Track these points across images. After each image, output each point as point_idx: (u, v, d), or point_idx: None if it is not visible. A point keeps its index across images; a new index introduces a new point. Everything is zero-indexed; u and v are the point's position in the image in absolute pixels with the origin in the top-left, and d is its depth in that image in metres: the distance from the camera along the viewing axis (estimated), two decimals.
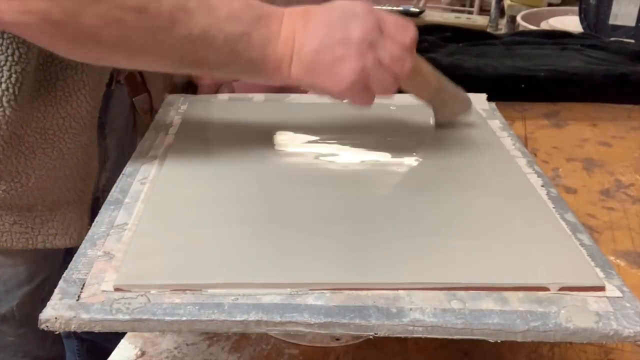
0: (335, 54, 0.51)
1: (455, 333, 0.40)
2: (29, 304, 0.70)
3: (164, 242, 0.47)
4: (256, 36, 0.51)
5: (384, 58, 0.51)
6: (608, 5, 1.53)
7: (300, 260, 0.45)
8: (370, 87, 0.52)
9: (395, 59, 0.51)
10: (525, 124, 0.99)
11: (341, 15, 0.51)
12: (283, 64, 0.52)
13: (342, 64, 0.51)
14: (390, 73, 0.52)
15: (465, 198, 0.53)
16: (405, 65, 0.52)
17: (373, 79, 0.52)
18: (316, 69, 0.52)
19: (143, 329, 0.41)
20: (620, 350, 0.55)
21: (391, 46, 0.51)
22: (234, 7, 0.51)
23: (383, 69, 0.51)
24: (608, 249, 0.68)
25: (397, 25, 0.52)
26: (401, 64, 0.52)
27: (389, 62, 0.51)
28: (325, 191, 0.54)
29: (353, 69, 0.51)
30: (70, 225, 0.66)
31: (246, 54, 0.52)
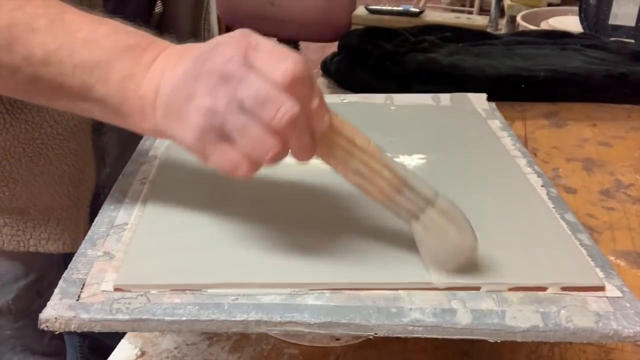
0: (186, 91, 0.39)
1: (455, 333, 0.40)
2: (25, 298, 0.70)
3: (163, 242, 0.47)
4: (118, 68, 0.42)
5: (245, 98, 0.37)
6: (608, 5, 1.53)
7: (300, 260, 0.45)
8: (232, 140, 0.38)
9: (260, 100, 0.36)
10: (525, 124, 0.99)
11: (211, 46, 0.40)
12: (146, 105, 0.42)
13: (189, 104, 0.39)
14: (257, 121, 0.37)
15: (465, 198, 0.53)
16: (282, 112, 0.36)
17: (231, 126, 0.37)
18: (170, 112, 0.40)
19: (143, 329, 0.41)
20: (620, 350, 0.55)
21: (256, 82, 0.37)
22: (99, 31, 0.43)
23: (246, 115, 0.37)
24: (608, 249, 0.68)
25: (272, 55, 0.38)
26: (272, 108, 0.36)
27: (252, 104, 0.37)
28: (325, 191, 0.54)
29: (199, 109, 0.38)
30: (64, 231, 0.66)
31: (101, 87, 0.43)
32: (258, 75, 0.37)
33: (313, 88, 0.38)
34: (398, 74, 1.08)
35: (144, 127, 0.44)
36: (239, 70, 0.37)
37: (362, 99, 0.75)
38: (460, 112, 0.71)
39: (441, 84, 1.01)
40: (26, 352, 0.74)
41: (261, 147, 0.37)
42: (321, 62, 1.20)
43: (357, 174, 0.41)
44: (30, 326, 0.73)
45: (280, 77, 0.37)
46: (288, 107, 0.36)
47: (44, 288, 0.72)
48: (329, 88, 1.15)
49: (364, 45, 1.15)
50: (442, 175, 0.57)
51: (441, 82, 1.04)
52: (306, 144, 0.39)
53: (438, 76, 1.06)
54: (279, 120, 0.36)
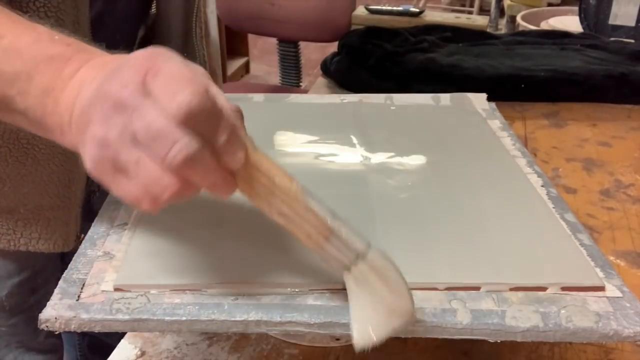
0: (87, 116, 0.36)
1: (455, 333, 0.40)
2: (18, 294, 0.70)
3: (164, 242, 0.47)
4: (37, 80, 0.39)
5: (137, 130, 0.34)
6: (608, 5, 1.53)
7: (300, 260, 0.45)
8: (129, 174, 0.35)
9: (153, 135, 0.33)
10: (525, 124, 0.99)
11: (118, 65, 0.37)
12: (63, 123, 0.39)
13: (87, 130, 0.36)
14: (151, 156, 0.34)
15: (465, 198, 0.53)
16: (176, 149, 0.33)
17: (125, 160, 0.35)
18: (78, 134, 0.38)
19: (143, 329, 0.41)
20: (620, 350, 0.55)
21: (150, 114, 0.33)
22: (23, 39, 0.41)
23: (139, 148, 0.34)
24: (608, 249, 0.68)
25: (171, 83, 0.34)
26: (164, 144, 0.33)
27: (144, 138, 0.33)
28: (324, 191, 0.54)
29: (93, 137, 0.35)
30: (55, 231, 0.66)
31: (21, 100, 0.40)
32: (154, 105, 0.34)
33: (219, 122, 0.35)
34: (398, 74, 1.08)
35: (65, 143, 0.41)
36: (133, 99, 0.34)
37: (362, 99, 0.75)
38: (460, 112, 0.71)
39: (441, 84, 1.01)
40: (22, 349, 0.74)
41: (157, 184, 0.34)
42: (321, 62, 1.20)
43: (281, 216, 0.38)
44: (25, 323, 0.73)
45: (175, 109, 0.33)
46: (182, 144, 0.33)
47: (38, 285, 0.73)
48: (329, 88, 1.15)
49: (364, 45, 1.15)
50: (442, 175, 0.57)
51: (441, 82, 1.04)
52: (216, 182, 0.36)
53: (438, 76, 1.06)
54: (173, 159, 0.33)
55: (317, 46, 2.18)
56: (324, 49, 1.96)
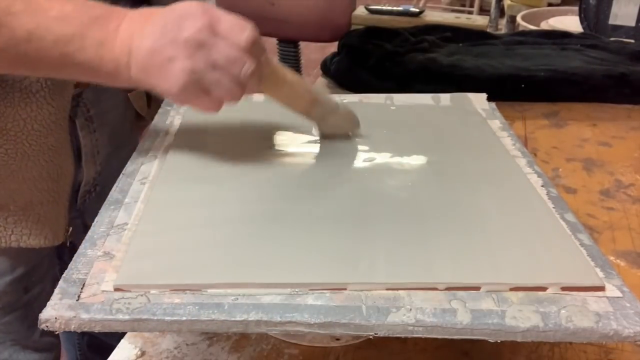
0: (166, 54, 0.48)
1: (455, 333, 0.40)
2: (12, 293, 0.71)
3: (164, 242, 0.47)
4: (90, 37, 0.50)
5: (217, 59, 0.48)
6: (608, 5, 1.53)
7: (300, 260, 0.45)
8: (209, 91, 0.50)
9: (231, 60, 0.48)
10: (525, 124, 0.99)
11: (176, 16, 0.49)
12: (120, 65, 0.50)
13: (172, 65, 0.48)
14: (228, 75, 0.49)
15: (465, 198, 0.53)
16: (245, 67, 0.49)
17: (208, 81, 0.49)
18: (151, 70, 0.50)
19: (143, 329, 0.41)
20: (620, 350, 0.55)
21: (224, 47, 0.48)
22: (67, 8, 0.50)
23: (219, 71, 0.49)
24: (608, 249, 0.68)
25: (233, 25, 0.49)
26: (239, 65, 0.49)
27: (224, 64, 0.48)
28: (324, 191, 0.54)
29: (183, 69, 0.48)
30: (45, 226, 0.66)
31: (80, 55, 0.50)
32: (225, 41, 0.49)
33: (263, 48, 0.52)
34: (398, 74, 1.08)
35: (117, 81, 0.52)
36: (210, 39, 0.48)
37: (362, 99, 0.75)
38: (460, 112, 0.71)
39: (441, 84, 1.01)
40: (17, 347, 0.74)
41: (230, 94, 0.50)
42: (321, 62, 1.20)
43: (287, 98, 0.60)
44: (19, 321, 0.73)
45: (244, 42, 0.49)
46: (249, 64, 0.49)
47: (32, 283, 0.73)
48: (329, 88, 1.15)
49: (364, 45, 1.15)
50: (443, 175, 0.57)
51: (441, 82, 1.04)
52: (257, 87, 0.53)
53: (438, 76, 1.06)
54: (244, 74, 0.49)
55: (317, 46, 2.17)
56: (324, 49, 1.96)
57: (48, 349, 0.78)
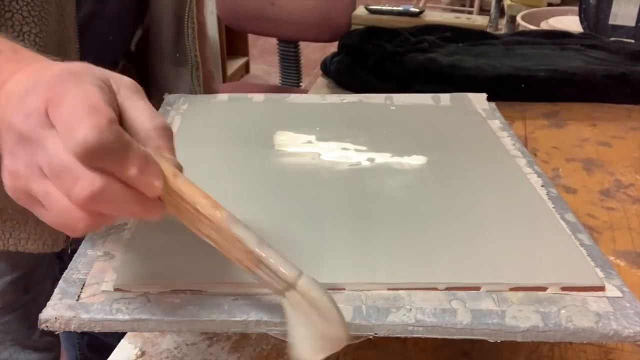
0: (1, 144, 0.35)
1: (455, 333, 0.40)
2: (11, 293, 0.71)
3: (164, 242, 0.47)
4: None
5: (42, 164, 0.33)
6: (608, 5, 1.53)
7: (300, 260, 0.45)
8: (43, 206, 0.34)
9: (56, 171, 0.32)
10: (525, 124, 0.99)
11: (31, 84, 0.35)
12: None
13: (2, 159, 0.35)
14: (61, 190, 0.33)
15: (465, 198, 0.53)
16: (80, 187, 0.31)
17: (36, 192, 0.34)
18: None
19: (143, 329, 0.41)
20: (620, 350, 0.55)
21: (53, 149, 0.32)
22: None
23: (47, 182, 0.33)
24: (608, 249, 0.68)
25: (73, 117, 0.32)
26: (68, 181, 0.32)
27: (50, 173, 0.33)
28: (324, 191, 0.54)
29: (4, 169, 0.35)
30: (44, 231, 0.66)
31: None
32: (57, 138, 0.32)
33: (127, 154, 0.32)
34: (398, 74, 1.08)
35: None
36: (36, 132, 0.33)
37: (362, 99, 0.75)
38: (460, 112, 0.71)
39: (441, 84, 1.01)
40: (16, 347, 0.74)
41: (68, 218, 0.33)
42: (321, 62, 1.20)
43: (210, 240, 0.37)
44: (19, 321, 0.73)
45: (76, 146, 0.31)
46: (87, 181, 0.31)
47: (32, 284, 0.73)
48: (329, 88, 1.15)
49: (364, 45, 1.15)
50: (443, 175, 0.57)
51: (441, 82, 1.04)
52: (134, 211, 0.34)
53: (438, 76, 1.06)
54: (78, 195, 0.32)
55: (317, 46, 2.18)
56: (324, 49, 1.96)
57: (48, 349, 0.78)
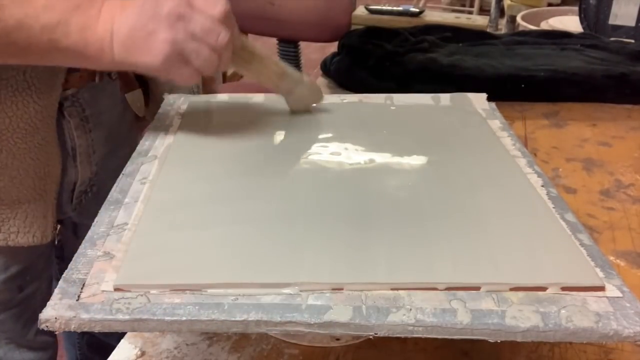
0: (147, 29, 0.53)
1: (455, 333, 0.40)
2: (5, 291, 0.71)
3: (163, 242, 0.47)
4: (74, 23, 0.54)
5: (195, 30, 0.53)
6: (608, 5, 1.53)
7: (301, 260, 0.45)
8: (189, 61, 0.54)
9: (207, 30, 0.53)
10: (525, 124, 0.99)
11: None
12: (104, 46, 0.54)
13: (154, 38, 0.53)
14: (205, 44, 0.53)
15: (465, 198, 0.53)
16: (221, 37, 0.54)
17: (188, 51, 0.53)
18: (134, 47, 0.54)
19: (143, 329, 0.41)
20: (620, 350, 0.55)
21: (201, 18, 0.53)
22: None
23: (197, 41, 0.53)
24: (608, 249, 0.68)
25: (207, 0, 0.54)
26: (214, 35, 0.53)
27: (201, 34, 0.53)
28: (324, 191, 0.54)
29: (165, 41, 0.53)
30: (32, 224, 0.67)
31: (65, 40, 0.54)
32: (200, 13, 0.53)
33: (234, 20, 0.56)
34: (398, 74, 1.08)
35: (102, 63, 0.56)
36: (187, 10, 0.53)
37: (362, 99, 0.75)
38: (460, 112, 0.71)
39: (441, 84, 1.01)
40: (12, 345, 0.74)
41: (208, 62, 0.55)
42: (321, 62, 1.20)
43: (257, 72, 0.65)
44: (13, 320, 0.73)
45: (217, 13, 0.54)
46: (224, 34, 0.54)
47: (27, 282, 0.73)
48: (329, 88, 1.15)
49: (364, 45, 1.15)
50: (443, 175, 0.57)
51: (441, 82, 1.04)
52: (230, 57, 0.57)
53: (438, 76, 1.06)
54: (219, 43, 0.54)
55: (317, 46, 2.17)
56: (324, 49, 1.96)
57: (44, 348, 0.78)
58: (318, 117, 0.70)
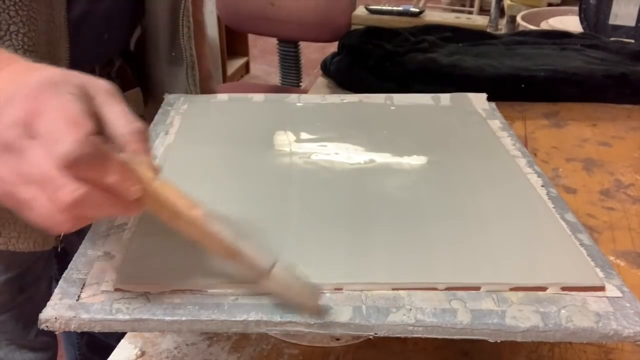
0: None
1: (455, 333, 0.40)
2: (6, 292, 0.71)
3: (163, 242, 0.47)
4: None
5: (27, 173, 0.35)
6: (608, 5, 1.53)
7: (300, 261, 0.45)
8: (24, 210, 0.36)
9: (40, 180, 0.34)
10: (525, 124, 0.99)
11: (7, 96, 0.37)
12: None
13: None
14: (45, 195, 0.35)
15: (465, 198, 0.53)
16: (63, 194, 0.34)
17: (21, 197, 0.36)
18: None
19: (143, 329, 0.41)
20: (620, 350, 0.55)
21: (36, 159, 0.34)
22: None
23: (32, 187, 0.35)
24: (608, 249, 0.68)
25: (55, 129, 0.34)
26: (52, 189, 0.34)
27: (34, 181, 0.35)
28: (324, 191, 0.54)
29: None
30: (34, 230, 0.66)
31: None
32: (39, 149, 0.34)
33: (106, 163, 0.35)
34: (398, 74, 1.08)
35: None
36: (19, 141, 0.35)
37: (362, 99, 0.75)
38: (460, 112, 0.71)
39: (441, 84, 1.01)
40: (12, 347, 0.74)
41: (52, 221, 0.36)
42: (321, 62, 1.20)
43: (190, 237, 0.40)
44: (14, 321, 0.73)
45: (58, 159, 0.34)
46: (68, 190, 0.34)
47: (27, 283, 0.73)
48: (329, 88, 1.15)
49: (364, 45, 1.15)
50: (442, 175, 0.57)
51: (441, 82, 1.04)
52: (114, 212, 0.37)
53: (438, 76, 1.06)
54: (61, 202, 0.34)
55: (317, 46, 2.18)
56: (324, 49, 1.96)
57: (44, 349, 0.78)
58: (318, 117, 0.70)
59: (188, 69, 0.79)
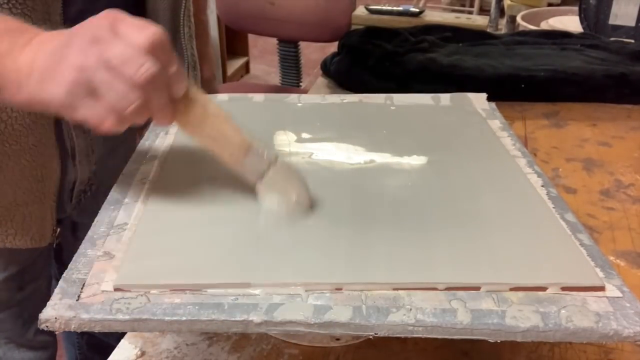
0: (59, 55, 0.43)
1: (455, 333, 0.40)
2: (4, 291, 0.71)
3: (163, 242, 0.47)
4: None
5: (111, 57, 0.42)
6: (608, 5, 1.53)
7: (301, 260, 0.45)
8: (100, 95, 0.42)
9: (125, 59, 0.41)
10: (525, 124, 0.99)
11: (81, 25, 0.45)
12: (22, 77, 0.45)
13: (62, 63, 0.43)
14: (122, 78, 0.42)
15: (465, 198, 0.53)
16: (142, 69, 0.41)
17: (99, 82, 0.42)
18: (45, 76, 0.44)
19: (143, 329, 0.41)
20: (620, 350, 0.55)
21: (120, 45, 0.42)
22: None
23: (112, 72, 0.42)
24: (608, 249, 0.68)
25: (134, 25, 0.43)
26: (134, 65, 0.41)
27: (116, 62, 0.41)
28: (324, 191, 0.54)
29: (71, 66, 0.42)
30: (31, 227, 0.66)
31: None
32: (123, 40, 0.42)
33: (172, 56, 0.44)
34: (398, 74, 1.08)
35: (19, 97, 0.47)
36: (107, 35, 0.42)
37: (362, 99, 0.75)
38: (460, 112, 0.71)
39: (441, 84, 1.01)
40: (11, 345, 0.74)
41: (124, 100, 0.42)
42: (321, 62, 1.20)
43: (209, 138, 0.48)
44: (12, 319, 0.73)
45: (142, 41, 0.42)
46: (148, 66, 0.42)
47: (26, 282, 0.73)
48: (329, 88, 1.15)
49: (364, 45, 1.15)
50: (442, 175, 0.57)
51: (441, 82, 1.04)
52: (164, 105, 0.44)
53: (438, 76, 1.06)
54: (140, 76, 0.41)
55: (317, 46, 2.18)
56: (324, 49, 1.96)
57: (43, 348, 0.78)
58: (318, 117, 0.70)
59: (189, 69, 0.79)
